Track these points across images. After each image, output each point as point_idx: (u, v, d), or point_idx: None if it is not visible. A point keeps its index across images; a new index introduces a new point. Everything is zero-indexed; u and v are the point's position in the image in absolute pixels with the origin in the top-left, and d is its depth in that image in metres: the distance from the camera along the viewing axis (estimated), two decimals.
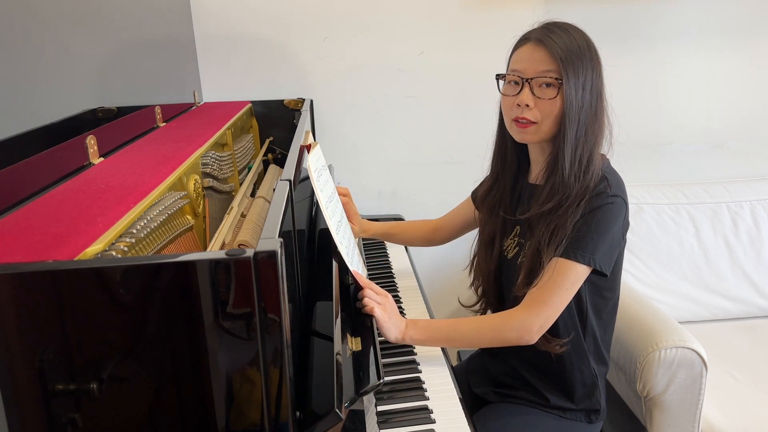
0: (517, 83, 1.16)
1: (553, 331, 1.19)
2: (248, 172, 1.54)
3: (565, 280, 1.11)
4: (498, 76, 1.23)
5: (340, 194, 1.45)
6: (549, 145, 1.18)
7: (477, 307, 1.38)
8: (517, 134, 1.19)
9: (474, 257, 1.38)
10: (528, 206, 1.21)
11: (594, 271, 1.12)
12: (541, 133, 1.15)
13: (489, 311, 1.37)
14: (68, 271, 0.56)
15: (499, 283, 1.31)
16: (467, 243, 2.12)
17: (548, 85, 1.12)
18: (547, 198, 1.16)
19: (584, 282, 1.16)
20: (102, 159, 0.98)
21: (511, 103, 1.17)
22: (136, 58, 1.35)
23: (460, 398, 1.11)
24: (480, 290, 1.36)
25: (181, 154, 1.01)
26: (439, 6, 1.89)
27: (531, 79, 1.13)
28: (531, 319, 1.12)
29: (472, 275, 1.38)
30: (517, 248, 1.25)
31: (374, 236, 1.58)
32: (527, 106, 1.14)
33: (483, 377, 1.37)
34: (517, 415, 1.25)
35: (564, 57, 1.11)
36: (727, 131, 2.10)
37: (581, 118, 1.12)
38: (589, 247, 1.10)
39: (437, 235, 1.57)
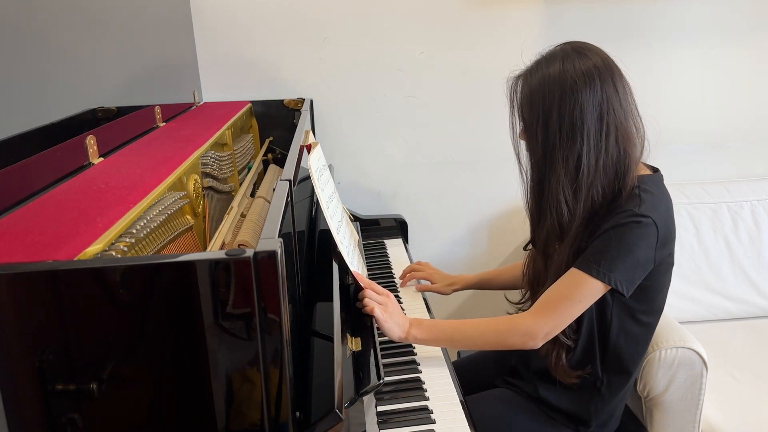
0: None
1: (573, 358, 1.18)
2: (248, 172, 1.54)
3: (578, 293, 1.09)
4: None
5: (418, 269, 1.58)
6: None
7: (522, 305, 1.36)
8: None
9: (527, 243, 1.35)
10: None
11: (613, 291, 1.09)
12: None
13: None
14: (68, 271, 0.56)
15: (538, 282, 1.30)
16: (467, 244, 2.12)
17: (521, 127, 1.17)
18: (532, 229, 1.21)
19: (611, 300, 1.14)
20: (102, 159, 0.98)
21: None
22: (136, 57, 1.35)
23: (460, 399, 1.11)
24: (526, 285, 1.34)
25: (180, 154, 1.01)
26: (440, 6, 1.89)
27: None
28: (538, 327, 1.11)
29: (524, 268, 1.35)
30: None
31: (466, 287, 1.57)
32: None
33: (502, 364, 1.38)
34: (505, 400, 1.26)
35: (522, 100, 1.14)
36: (727, 131, 2.10)
37: (546, 156, 1.13)
38: (606, 264, 1.07)
39: None
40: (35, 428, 0.59)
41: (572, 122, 1.09)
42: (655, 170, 1.20)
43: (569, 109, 1.08)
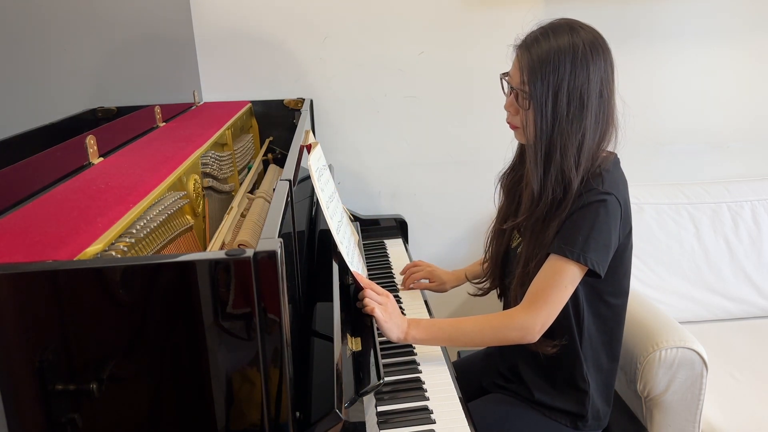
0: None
1: (548, 332, 1.19)
2: (248, 172, 1.54)
3: (561, 279, 1.11)
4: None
5: (416, 270, 1.58)
6: None
7: (481, 285, 1.39)
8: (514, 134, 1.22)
9: (488, 237, 1.37)
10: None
11: (590, 272, 1.11)
12: (528, 137, 1.17)
13: (491, 289, 1.40)
14: (68, 271, 0.56)
15: (503, 268, 1.32)
16: (467, 244, 2.12)
17: (523, 97, 1.14)
18: (528, 207, 1.18)
19: (581, 284, 1.15)
20: (102, 159, 0.98)
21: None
22: (136, 57, 1.35)
23: (460, 398, 1.11)
24: (489, 270, 1.37)
25: (180, 154, 1.01)
26: (440, 6, 1.89)
27: (512, 89, 1.17)
28: (532, 319, 1.12)
29: (485, 254, 1.38)
30: (519, 239, 1.26)
31: (465, 282, 1.58)
32: (509, 112, 1.19)
33: (488, 368, 1.39)
34: (503, 404, 1.27)
35: (531, 69, 1.11)
36: (727, 131, 2.10)
37: (555, 128, 1.11)
38: (578, 244, 1.09)
39: None
40: (35, 428, 0.59)
41: (581, 96, 1.10)
42: (611, 153, 1.21)
43: (579, 83, 1.09)
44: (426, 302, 1.50)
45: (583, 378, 1.21)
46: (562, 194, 1.13)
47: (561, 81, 1.09)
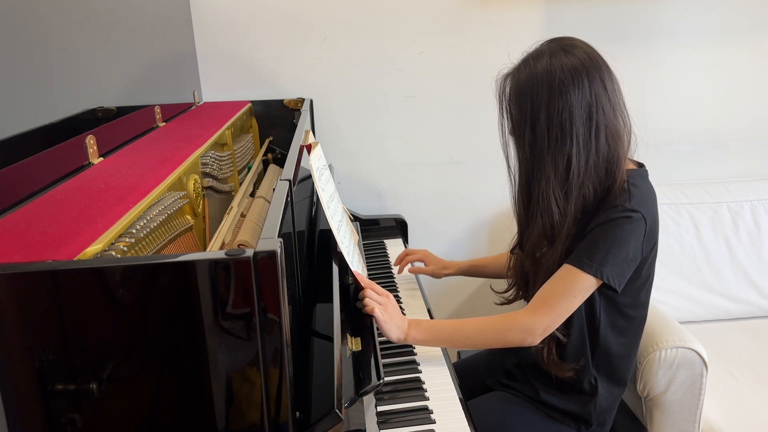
0: None
1: (564, 355, 1.18)
2: (248, 172, 1.54)
3: (573, 288, 1.09)
4: None
5: (411, 252, 1.60)
6: None
7: (507, 294, 1.36)
8: None
9: (513, 246, 1.35)
10: None
11: (604, 285, 1.10)
12: None
13: (517, 297, 1.38)
14: (68, 271, 0.56)
15: (527, 277, 1.31)
16: (467, 244, 2.12)
17: (506, 126, 1.17)
18: (519, 230, 1.21)
19: (599, 296, 1.14)
20: (101, 159, 0.98)
21: None
22: (136, 57, 1.35)
23: (460, 398, 1.11)
24: (513, 282, 1.35)
25: (180, 154, 1.01)
26: (439, 6, 1.89)
27: None
28: (535, 322, 1.11)
29: (509, 262, 1.36)
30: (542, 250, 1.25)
31: (458, 273, 1.59)
32: None
33: (493, 366, 1.39)
34: (506, 403, 1.26)
35: (510, 99, 1.14)
36: (727, 131, 2.10)
37: (534, 156, 1.11)
38: (597, 258, 1.07)
39: None
40: (35, 428, 0.59)
41: (561, 123, 1.07)
42: (640, 165, 1.20)
43: (558, 111, 1.07)
44: (426, 303, 1.50)
45: (591, 383, 1.20)
46: (560, 219, 1.12)
47: (538, 110, 1.08)
